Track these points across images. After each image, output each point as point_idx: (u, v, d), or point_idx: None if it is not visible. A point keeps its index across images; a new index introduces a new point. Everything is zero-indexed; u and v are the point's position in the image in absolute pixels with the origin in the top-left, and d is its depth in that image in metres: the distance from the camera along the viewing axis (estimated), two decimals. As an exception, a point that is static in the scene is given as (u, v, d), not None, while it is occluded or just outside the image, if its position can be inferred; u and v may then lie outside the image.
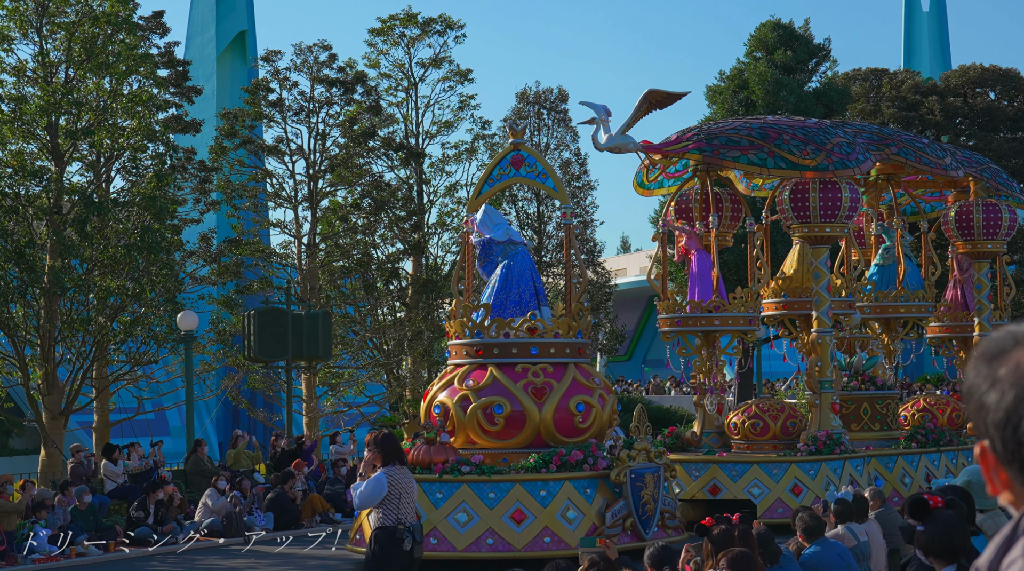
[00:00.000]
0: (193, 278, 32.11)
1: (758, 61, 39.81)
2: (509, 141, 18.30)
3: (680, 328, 20.57)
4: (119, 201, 27.09)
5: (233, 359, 32.64)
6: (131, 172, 28.62)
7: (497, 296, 17.33)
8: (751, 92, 38.81)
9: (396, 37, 35.75)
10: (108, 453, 23.44)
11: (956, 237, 23.89)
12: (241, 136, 33.91)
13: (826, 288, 20.48)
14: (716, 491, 19.67)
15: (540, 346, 16.90)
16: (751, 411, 20.47)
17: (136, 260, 26.04)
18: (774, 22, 40.75)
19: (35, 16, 26.42)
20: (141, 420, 30.95)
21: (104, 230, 26.01)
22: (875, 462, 20.80)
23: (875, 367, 22.75)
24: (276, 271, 34.59)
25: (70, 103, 26.04)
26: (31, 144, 26.57)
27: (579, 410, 16.67)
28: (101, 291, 25.90)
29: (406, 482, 10.46)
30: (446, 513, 15.94)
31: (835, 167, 19.74)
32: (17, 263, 25.13)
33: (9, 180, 25.64)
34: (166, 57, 32.29)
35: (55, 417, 25.98)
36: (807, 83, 40.19)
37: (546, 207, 36.80)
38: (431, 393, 17.25)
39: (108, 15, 26.60)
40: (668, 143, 20.21)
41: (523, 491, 16.00)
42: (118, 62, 26.74)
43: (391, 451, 10.51)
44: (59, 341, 25.90)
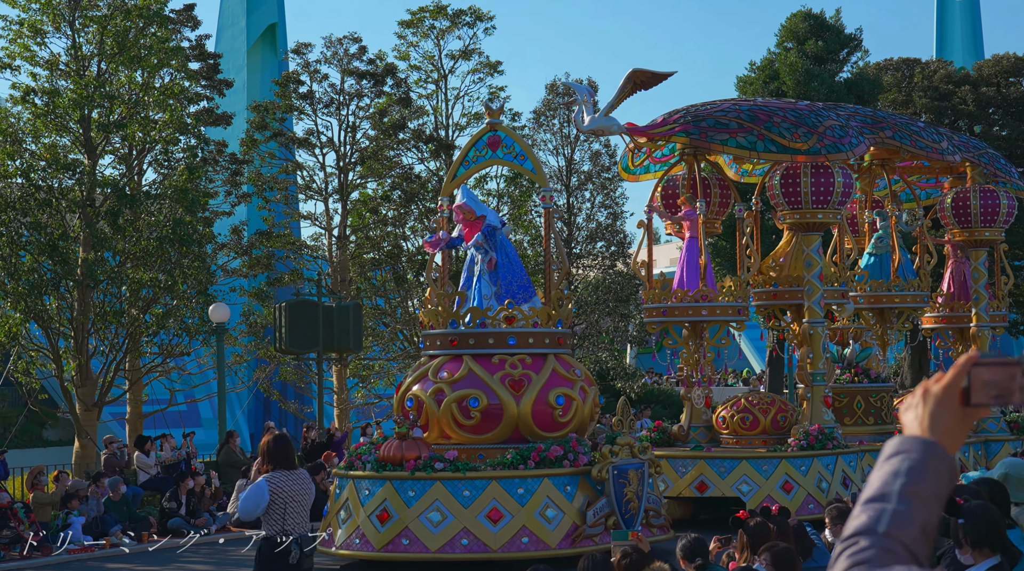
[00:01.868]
0: (224, 270, 32.22)
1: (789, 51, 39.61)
2: (485, 121, 17.50)
3: (666, 318, 19.79)
4: (151, 194, 27.21)
5: (264, 351, 32.75)
6: (163, 165, 28.75)
7: (515, 280, 16.56)
8: (782, 82, 38.63)
9: (426, 29, 35.74)
10: (140, 444, 23.60)
11: (952, 224, 23.09)
12: (272, 129, 33.99)
13: (818, 277, 19.77)
14: (704, 488, 18.96)
15: (518, 336, 16.07)
16: (740, 404, 19.80)
17: (168, 252, 26.17)
18: (805, 12, 40.53)
19: (68, 10, 26.56)
20: (173, 412, 31.11)
21: (136, 223, 26.15)
22: (869, 457, 20.02)
23: (869, 359, 22.02)
24: (307, 263, 34.67)
25: (102, 96, 26.17)
26: (64, 137, 26.72)
27: (559, 403, 15.91)
28: (134, 283, 26.04)
29: (294, 488, 9.56)
30: (418, 512, 15.19)
31: (827, 151, 18.99)
32: (51, 256, 25.29)
33: (42, 173, 25.80)
34: (197, 50, 32.38)
35: (88, 409, 26.15)
36: (838, 73, 39.96)
37: (576, 198, 36.76)
38: (404, 386, 16.47)
39: (140, 8, 26.71)
40: (654, 125, 19.41)
41: (500, 489, 15.21)
42: (150, 55, 26.86)
43: (276, 456, 9.65)
44: (92, 333, 26.06)
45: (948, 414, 2.44)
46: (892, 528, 2.32)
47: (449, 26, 35.69)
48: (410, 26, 35.95)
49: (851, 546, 2.33)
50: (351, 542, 15.64)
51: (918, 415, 2.47)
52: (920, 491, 2.36)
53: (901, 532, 2.32)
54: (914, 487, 2.36)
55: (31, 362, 26.32)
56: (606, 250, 36.93)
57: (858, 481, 19.27)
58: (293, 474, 9.64)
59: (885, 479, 2.39)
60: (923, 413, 2.46)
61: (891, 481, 2.38)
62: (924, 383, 2.49)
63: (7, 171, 25.48)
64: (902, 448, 2.42)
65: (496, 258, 16.50)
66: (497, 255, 16.53)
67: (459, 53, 35.94)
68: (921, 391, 2.48)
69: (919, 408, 2.47)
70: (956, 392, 2.44)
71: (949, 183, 23.77)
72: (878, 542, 2.31)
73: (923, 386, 2.48)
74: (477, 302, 16.43)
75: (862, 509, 2.38)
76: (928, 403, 2.46)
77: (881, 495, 2.36)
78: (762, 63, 40.05)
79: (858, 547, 2.32)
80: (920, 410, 2.47)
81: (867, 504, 2.38)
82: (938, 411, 2.44)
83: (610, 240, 36.94)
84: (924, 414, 2.46)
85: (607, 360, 37.59)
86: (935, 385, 2.46)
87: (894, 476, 2.38)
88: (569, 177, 36.18)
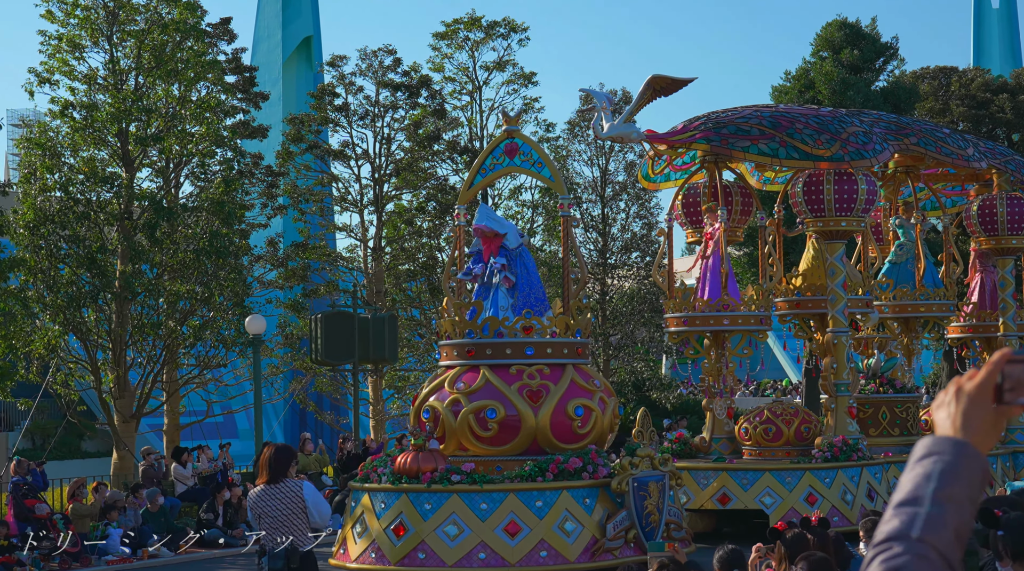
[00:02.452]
0: (261, 282, 32.37)
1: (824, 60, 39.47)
2: (503, 128, 17.06)
3: (688, 328, 19.46)
4: (188, 206, 27.39)
5: (300, 362, 32.87)
6: (200, 177, 28.93)
7: (532, 293, 16.33)
8: (817, 92, 38.49)
9: (460, 41, 35.83)
10: (177, 456, 23.73)
11: (979, 233, 22.65)
12: (307, 141, 34.14)
13: (842, 286, 19.42)
14: (726, 500, 18.61)
15: (536, 346, 15.75)
16: (763, 415, 19.39)
17: (205, 264, 26.31)
18: (840, 21, 40.38)
19: (106, 24, 26.78)
20: (210, 423, 31.25)
21: (174, 235, 26.31)
22: (895, 469, 19.55)
23: (894, 369, 21.59)
24: (342, 275, 34.78)
25: (140, 110, 26.37)
26: (102, 151, 26.93)
27: (578, 414, 15.56)
28: (171, 295, 26.20)
29: (270, 503, 9.36)
30: (435, 525, 14.88)
31: (851, 157, 18.59)
32: (89, 268, 25.48)
33: (81, 186, 26.01)
34: (233, 63, 32.58)
35: (126, 420, 26.31)
36: (874, 82, 39.79)
37: (611, 209, 36.72)
38: (420, 397, 16.18)
39: (177, 23, 26.91)
40: (674, 132, 19.05)
41: (517, 501, 14.91)
42: (187, 69, 27.05)
43: (264, 467, 9.57)
44: (130, 345, 26.23)
45: (981, 413, 2.40)
46: (926, 533, 2.29)
47: (483, 37, 35.77)
48: (445, 38, 36.05)
49: (884, 551, 2.30)
50: (367, 556, 15.32)
51: (950, 413, 2.43)
52: (953, 494, 2.32)
53: (935, 537, 2.29)
54: (947, 490, 2.32)
55: (70, 374, 26.51)
56: (641, 260, 36.87)
57: (883, 493, 18.90)
58: (273, 488, 9.38)
59: (917, 482, 2.35)
60: (956, 412, 2.42)
61: (923, 484, 2.33)
62: (957, 380, 2.45)
63: (46, 185, 25.70)
64: (934, 449, 2.38)
65: (515, 281, 16.34)
66: (516, 268, 16.38)
67: (493, 64, 36.01)
68: (954, 389, 2.44)
69: (952, 406, 2.43)
70: (990, 390, 2.40)
71: (975, 191, 23.42)
72: (912, 547, 2.28)
73: (956, 384, 2.44)
74: (493, 314, 16.17)
75: (894, 513, 2.34)
76: (961, 401, 2.42)
77: (913, 498, 2.33)
78: (797, 72, 39.93)
79: (892, 552, 2.28)
80: (953, 408, 2.43)
81: (899, 508, 2.34)
82: (971, 410, 2.41)
83: (645, 250, 36.85)
84: (957, 413, 2.42)
85: (643, 371, 37.51)
86: (968, 383, 2.42)
87: (926, 479, 2.34)
88: (604, 187, 36.14)
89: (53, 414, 33.28)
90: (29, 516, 19.41)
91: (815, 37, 40.53)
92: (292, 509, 9.35)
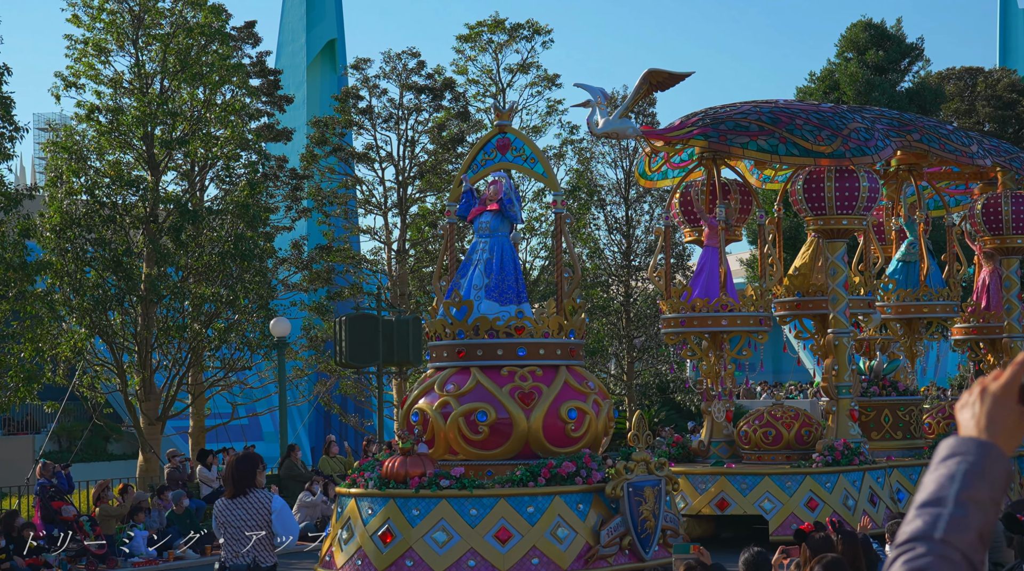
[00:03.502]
0: (285, 285, 32.47)
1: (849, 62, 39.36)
2: (495, 123, 16.59)
3: (685, 329, 19.02)
4: (213, 209, 27.49)
5: (325, 365, 32.94)
6: (224, 181, 29.04)
7: (508, 278, 15.58)
8: (842, 93, 38.36)
9: (484, 43, 35.85)
10: (202, 458, 23.80)
11: (983, 232, 22.12)
12: (331, 144, 34.23)
13: (843, 286, 18.99)
14: (724, 505, 18.17)
15: (528, 347, 15.11)
16: (763, 419, 18.97)
17: (230, 267, 26.40)
18: (865, 22, 40.25)
19: (131, 28, 26.91)
20: (235, 425, 31.35)
21: (199, 238, 26.41)
22: (897, 473, 19.14)
23: (896, 371, 21.12)
24: (367, 277, 34.85)
25: (165, 113, 26.48)
26: (128, 154, 27.06)
27: (571, 417, 14.98)
28: (196, 298, 26.30)
29: (234, 515, 8.94)
30: (423, 532, 14.33)
31: (852, 154, 18.14)
32: (115, 271, 25.60)
33: (107, 190, 26.13)
34: (258, 67, 32.71)
35: (152, 423, 26.41)
36: (899, 83, 39.65)
37: (635, 211, 36.67)
38: (409, 399, 15.62)
39: (202, 26, 27.02)
40: (671, 128, 18.63)
41: (508, 507, 14.38)
42: (211, 72, 27.15)
43: (227, 479, 9.18)
44: (156, 348, 26.33)
45: (1006, 413, 2.38)
46: (949, 534, 2.27)
47: (507, 40, 35.78)
48: (468, 40, 36.08)
49: (907, 551, 2.28)
50: (353, 563, 14.82)
51: (975, 414, 2.41)
52: (977, 495, 2.31)
53: (958, 538, 2.27)
54: (971, 491, 2.31)
55: (96, 377, 26.62)
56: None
57: (886, 498, 18.51)
58: (238, 500, 8.94)
59: (941, 482, 2.33)
60: (980, 412, 2.40)
61: (947, 485, 2.32)
62: (981, 380, 2.44)
63: (72, 188, 25.84)
64: (958, 450, 2.36)
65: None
66: (497, 249, 15.63)
67: (517, 67, 36.02)
68: (978, 389, 2.43)
69: (976, 407, 2.42)
70: (1014, 390, 2.39)
71: (979, 189, 22.87)
72: (935, 549, 2.26)
73: (980, 384, 2.43)
74: (466, 291, 15.55)
75: (917, 513, 2.33)
76: (985, 401, 2.41)
77: (937, 499, 2.32)
78: (822, 74, 39.82)
79: (915, 553, 2.27)
80: (977, 409, 2.41)
81: (922, 508, 2.33)
82: (995, 410, 2.39)
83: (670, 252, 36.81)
84: (981, 413, 2.40)
85: (666, 372, 37.44)
86: (993, 383, 2.41)
87: (950, 479, 2.32)
88: (628, 189, 36.10)
89: (79, 417, 33.44)
90: (56, 518, 19.51)
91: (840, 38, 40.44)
92: (257, 521, 8.91)
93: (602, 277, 34.67)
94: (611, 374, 36.34)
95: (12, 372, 22.64)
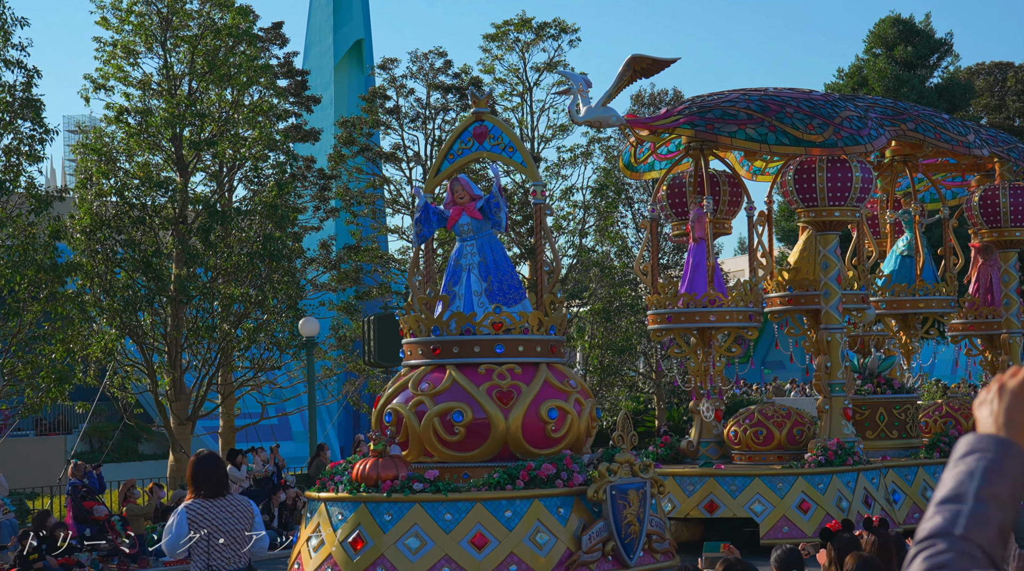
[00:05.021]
0: (314, 285, 32.57)
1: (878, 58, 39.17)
2: (472, 110, 15.85)
3: (672, 325, 18.37)
4: (241, 210, 27.61)
5: (353, 364, 33.02)
6: (253, 181, 29.16)
7: (506, 278, 15.02)
8: (870, 89, 38.18)
9: (511, 42, 35.86)
10: (231, 458, 23.91)
11: (980, 224, 21.24)
12: (359, 144, 34.32)
13: (836, 280, 18.28)
14: (713, 508, 17.54)
15: (506, 344, 14.43)
16: (753, 418, 18.41)
17: (259, 268, 26.51)
18: (894, 17, 40.05)
19: (159, 30, 27.05)
20: (265, 425, 31.48)
21: (227, 239, 26.52)
22: (893, 474, 18.55)
23: (892, 368, 20.49)
24: (394, 277, 34.92)
25: (193, 115, 26.61)
26: (157, 155, 27.20)
27: (551, 417, 14.27)
28: (225, 298, 26.41)
29: (219, 517, 8.09)
30: (396, 538, 13.62)
31: (844, 143, 17.47)
32: (145, 272, 25.75)
33: (136, 191, 26.27)
34: (285, 67, 32.83)
35: (182, 423, 26.54)
36: (928, 79, 39.44)
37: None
38: (383, 399, 14.89)
39: (229, 28, 27.13)
40: (656, 117, 18.08)
41: (485, 511, 13.70)
42: (239, 73, 27.26)
43: (196, 479, 8.21)
44: (185, 348, 26.46)
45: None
46: (969, 530, 2.27)
47: (534, 39, 35.78)
48: (495, 39, 36.10)
49: (927, 548, 2.29)
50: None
51: (993, 411, 2.41)
52: (997, 492, 2.31)
53: (978, 535, 2.27)
54: (990, 488, 2.31)
55: (126, 377, 26.78)
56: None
57: (880, 499, 17.93)
58: (219, 501, 8.15)
59: (960, 479, 2.33)
60: (998, 409, 2.40)
61: (966, 481, 2.32)
62: (999, 377, 2.44)
63: (102, 190, 25.99)
64: (977, 446, 2.36)
65: (487, 262, 14.97)
66: (488, 250, 15.07)
67: (544, 65, 36.01)
68: (996, 385, 2.42)
69: (994, 403, 2.41)
70: None
71: (976, 181, 22.06)
72: (956, 545, 2.27)
73: (998, 380, 2.43)
74: (466, 299, 14.87)
75: (936, 510, 2.33)
76: (1004, 398, 2.40)
77: (956, 496, 2.32)
78: (850, 70, 39.65)
79: (935, 550, 2.27)
80: (995, 405, 2.41)
81: (942, 505, 2.33)
82: (1014, 406, 2.38)
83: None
84: (999, 410, 2.40)
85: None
86: (1011, 379, 2.41)
87: (969, 476, 2.32)
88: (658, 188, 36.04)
89: (110, 417, 33.65)
90: (87, 518, 19.64)
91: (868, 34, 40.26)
92: (244, 526, 8.22)
93: (630, 275, 34.61)
94: (640, 372, 36.29)
95: (44, 373, 22.81)
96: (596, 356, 34.73)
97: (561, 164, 36.72)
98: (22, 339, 23.07)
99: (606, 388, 35.05)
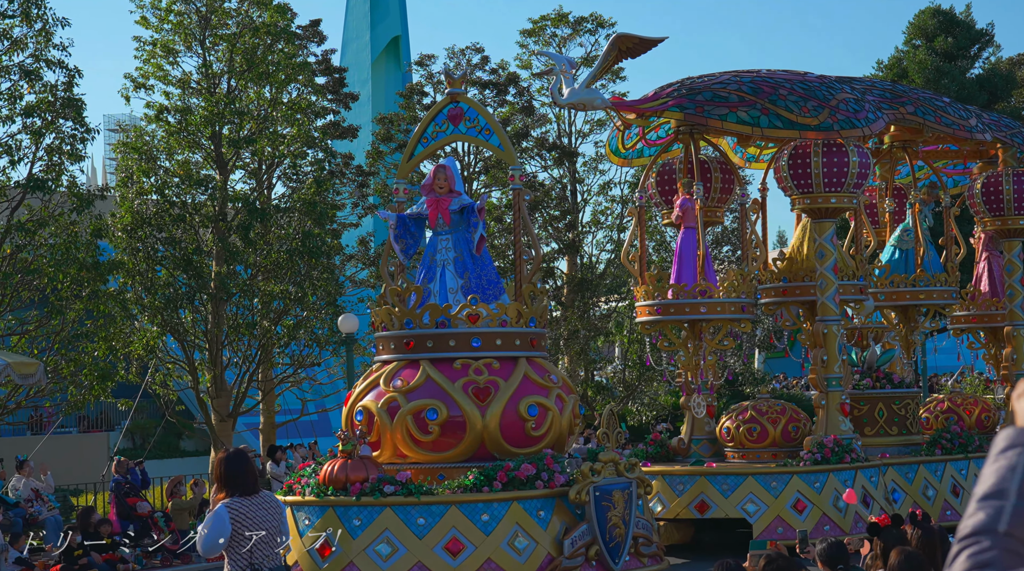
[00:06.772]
0: (353, 281, 32.67)
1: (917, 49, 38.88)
2: (447, 90, 15.05)
3: (661, 317, 17.62)
4: (280, 207, 27.72)
5: (393, 360, 33.08)
6: (291, 178, 29.28)
7: (484, 273, 14.30)
8: (911, 81, 37.90)
9: (547, 37, 35.81)
10: (271, 454, 24.03)
11: (983, 213, 20.36)
12: (396, 140, 34.38)
13: (832, 269, 17.49)
14: (704, 508, 16.78)
15: (483, 337, 13.63)
16: (747, 414, 17.69)
17: (298, 265, 26.61)
18: (934, 8, 39.74)
19: (198, 29, 27.19)
20: (305, 421, 31.60)
21: (267, 236, 26.64)
22: (892, 471, 17.80)
23: (891, 362, 19.72)
24: (433, 273, 34.96)
25: (232, 113, 26.73)
26: (196, 154, 27.35)
27: (531, 414, 13.54)
28: (265, 296, 26.54)
29: (257, 515, 7.94)
30: (365, 544, 12.90)
31: (840, 126, 16.72)
32: (185, 270, 25.90)
33: (176, 189, 26.43)
34: (323, 65, 32.93)
35: (224, 419, 26.69)
36: (969, 70, 39.11)
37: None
38: (353, 396, 14.18)
39: (268, 26, 27.24)
40: (643, 100, 17.18)
41: (460, 515, 12.98)
42: (278, 71, 27.36)
43: (231, 478, 8.01)
44: (226, 345, 26.61)
45: None
46: (1013, 527, 2.24)
47: (571, 34, 35.72)
48: (532, 35, 36.07)
49: (971, 545, 2.25)
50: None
51: None
52: None
53: (1022, 531, 2.24)
54: None
55: (168, 374, 26.96)
56: (732, 254, 36.57)
57: (880, 498, 17.21)
58: (255, 499, 8.02)
59: (1002, 474, 2.29)
60: None
61: (1008, 476, 2.28)
62: None
63: (143, 188, 26.16)
64: (1017, 440, 2.32)
65: (484, 235, 14.32)
66: (464, 245, 14.38)
67: (581, 60, 35.92)
68: None
69: None
70: None
71: (978, 168, 21.15)
72: (999, 542, 2.23)
73: None
74: (441, 297, 14.18)
75: (978, 506, 2.29)
76: None
77: (998, 491, 2.28)
78: (890, 62, 39.38)
79: (979, 547, 2.24)
80: None
81: (984, 501, 2.29)
82: None
83: (736, 244, 36.58)
84: None
85: (735, 365, 37.22)
86: None
87: (1011, 471, 2.28)
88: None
89: (152, 414, 33.87)
90: (131, 514, 19.79)
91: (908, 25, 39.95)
92: (277, 524, 8.09)
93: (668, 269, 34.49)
94: (679, 367, 36.18)
95: (86, 371, 23.01)
96: (635, 350, 34.66)
97: (599, 159, 36.66)
98: (65, 337, 23.28)
99: (645, 383, 34.98)
